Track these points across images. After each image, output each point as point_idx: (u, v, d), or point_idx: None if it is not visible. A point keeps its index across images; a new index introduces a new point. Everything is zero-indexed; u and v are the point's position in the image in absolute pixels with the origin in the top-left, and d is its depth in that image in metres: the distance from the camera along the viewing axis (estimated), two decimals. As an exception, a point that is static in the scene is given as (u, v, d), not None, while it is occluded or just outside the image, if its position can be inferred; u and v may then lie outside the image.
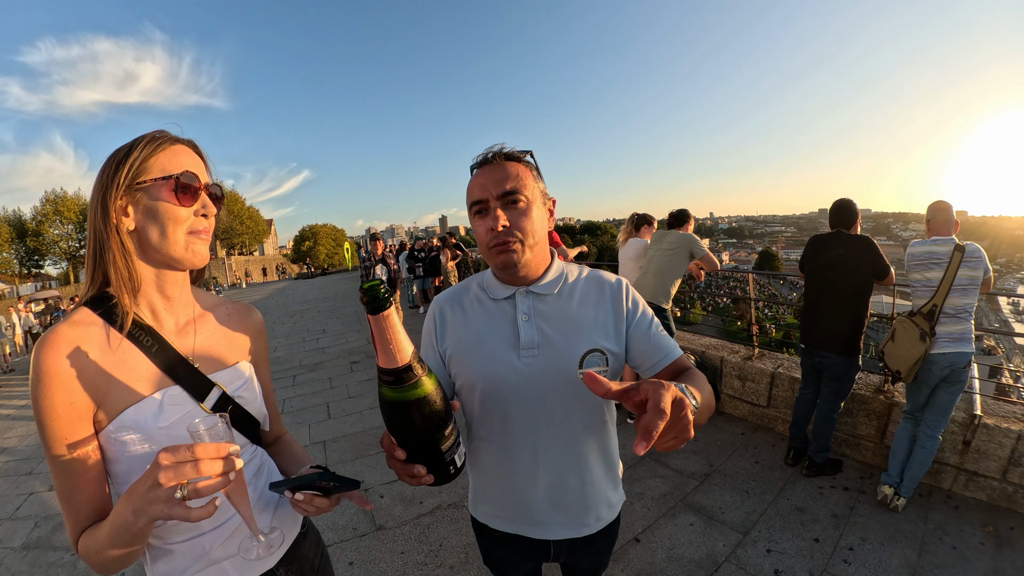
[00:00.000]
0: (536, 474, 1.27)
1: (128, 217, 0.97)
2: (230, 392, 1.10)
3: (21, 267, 47.36)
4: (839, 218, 3.66)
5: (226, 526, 1.05)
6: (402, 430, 0.94)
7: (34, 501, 4.34)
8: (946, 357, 3.06)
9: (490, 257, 1.22)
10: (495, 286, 1.30)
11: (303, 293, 21.53)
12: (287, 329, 12.16)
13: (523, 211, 1.18)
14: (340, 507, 3.69)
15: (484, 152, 1.23)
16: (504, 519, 1.36)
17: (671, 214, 4.91)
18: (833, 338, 3.55)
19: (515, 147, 1.25)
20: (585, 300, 1.28)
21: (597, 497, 1.33)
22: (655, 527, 3.22)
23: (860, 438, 3.91)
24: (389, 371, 0.87)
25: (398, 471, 0.97)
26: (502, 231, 1.16)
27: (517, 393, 1.22)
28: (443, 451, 0.97)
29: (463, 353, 1.27)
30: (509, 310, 1.27)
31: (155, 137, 0.99)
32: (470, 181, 1.22)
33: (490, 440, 1.30)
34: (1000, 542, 2.92)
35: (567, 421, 1.25)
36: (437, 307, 1.37)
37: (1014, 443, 3.17)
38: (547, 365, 1.21)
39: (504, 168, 1.18)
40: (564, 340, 1.22)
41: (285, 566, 1.17)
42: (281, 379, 7.51)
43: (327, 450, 4.76)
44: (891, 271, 3.47)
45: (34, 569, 3.35)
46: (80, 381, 0.91)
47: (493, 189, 1.16)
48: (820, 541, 3.01)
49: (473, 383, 1.26)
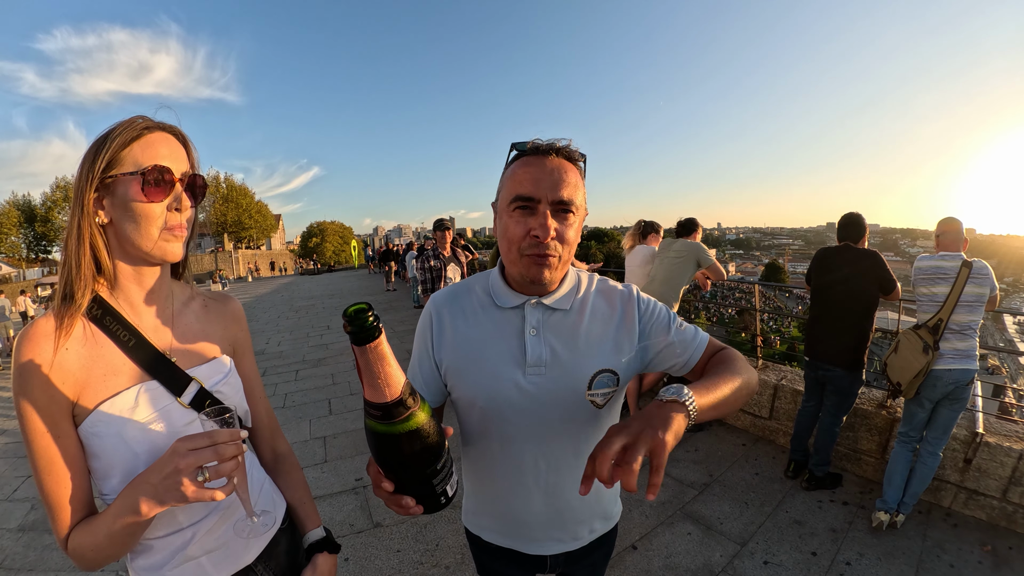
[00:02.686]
0: (534, 493, 1.21)
1: (103, 210, 0.95)
2: (208, 387, 1.07)
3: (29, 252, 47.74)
4: (848, 232, 3.65)
5: (204, 522, 1.05)
6: (391, 463, 0.86)
7: (31, 483, 4.35)
8: (950, 374, 3.05)
9: (518, 262, 1.09)
10: (503, 292, 1.17)
11: (308, 289, 21.60)
12: (291, 324, 12.20)
13: (571, 224, 1.07)
14: (337, 503, 3.70)
15: (542, 141, 1.08)
16: (499, 534, 1.31)
17: (679, 222, 4.91)
18: (838, 352, 3.54)
19: (575, 147, 1.11)
20: (596, 315, 1.18)
21: (595, 512, 1.30)
22: (652, 535, 3.22)
23: (861, 453, 3.89)
24: (377, 406, 0.79)
25: (385, 501, 0.90)
26: (550, 242, 1.04)
27: (520, 413, 1.14)
28: (433, 484, 0.89)
29: (462, 367, 1.17)
30: (517, 321, 1.16)
31: (132, 124, 0.95)
32: (515, 168, 1.07)
33: (488, 457, 1.23)
34: (998, 562, 2.90)
35: (571, 442, 1.18)
36: (435, 308, 1.23)
37: (1015, 462, 3.16)
38: (554, 385, 1.13)
39: (564, 169, 1.05)
40: (573, 359, 1.14)
41: (263, 563, 1.14)
42: (284, 373, 7.52)
43: (327, 446, 4.77)
44: (897, 286, 3.47)
45: (28, 551, 3.37)
46: (58, 374, 0.90)
47: (549, 191, 1.02)
48: (818, 555, 3.00)
49: (472, 400, 1.17)
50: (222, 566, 1.07)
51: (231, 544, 1.09)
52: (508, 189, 1.07)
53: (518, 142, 1.10)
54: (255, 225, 55.40)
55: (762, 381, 4.64)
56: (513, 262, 1.10)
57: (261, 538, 1.15)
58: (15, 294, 17.02)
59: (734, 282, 26.01)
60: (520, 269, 1.09)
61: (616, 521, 1.39)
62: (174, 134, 1.01)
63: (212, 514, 1.06)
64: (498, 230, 1.14)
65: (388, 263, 19.42)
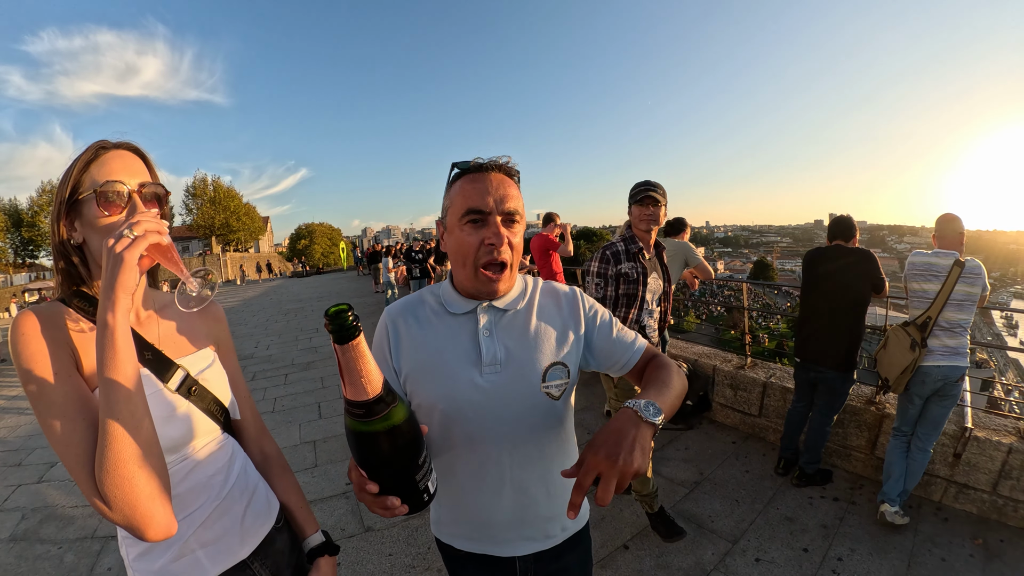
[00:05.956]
0: (501, 492, 1.23)
1: (76, 232, 1.02)
2: (194, 374, 1.12)
3: (16, 257, 47.22)
4: (839, 230, 3.67)
5: (198, 513, 1.07)
6: (374, 463, 0.87)
7: (23, 493, 4.29)
8: (940, 370, 3.06)
9: (473, 274, 1.15)
10: (454, 300, 1.23)
11: (297, 292, 21.48)
12: (280, 327, 12.10)
13: (517, 233, 1.15)
14: (328, 508, 3.67)
15: (482, 159, 1.16)
16: (468, 539, 1.32)
17: (668, 222, 4.92)
18: (830, 353, 3.54)
19: (513, 163, 1.18)
20: (544, 312, 1.26)
21: (562, 506, 1.26)
22: (644, 534, 3.21)
23: (851, 449, 3.91)
24: (359, 404, 0.81)
25: (369, 504, 0.91)
26: (503, 248, 1.12)
27: (480, 412, 1.18)
28: (416, 480, 0.91)
29: (421, 372, 1.20)
30: (470, 325, 1.22)
31: (89, 148, 1.02)
32: (461, 185, 1.14)
33: (452, 460, 1.24)
34: (990, 555, 2.92)
35: (532, 436, 1.22)
36: (390, 319, 1.27)
37: (1005, 456, 3.18)
38: (510, 381, 1.18)
39: (507, 184, 1.14)
40: (527, 355, 1.20)
41: (260, 560, 1.17)
42: (273, 377, 7.46)
43: (317, 450, 4.73)
44: (886, 283, 3.48)
45: (20, 562, 3.31)
46: (58, 341, 0.95)
47: (498, 203, 1.11)
48: (809, 551, 3.00)
49: (433, 404, 1.20)
50: (218, 560, 1.10)
51: (226, 538, 1.11)
52: (458, 204, 1.13)
53: (459, 162, 1.18)
54: (243, 228, 54.95)
55: (751, 379, 4.66)
56: (468, 277, 1.17)
57: (255, 534, 1.18)
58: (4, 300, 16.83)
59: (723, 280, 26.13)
60: (478, 279, 1.16)
61: (587, 519, 1.42)
62: (130, 149, 1.07)
63: (206, 505, 1.08)
64: (449, 246, 1.20)
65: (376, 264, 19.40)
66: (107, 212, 0.99)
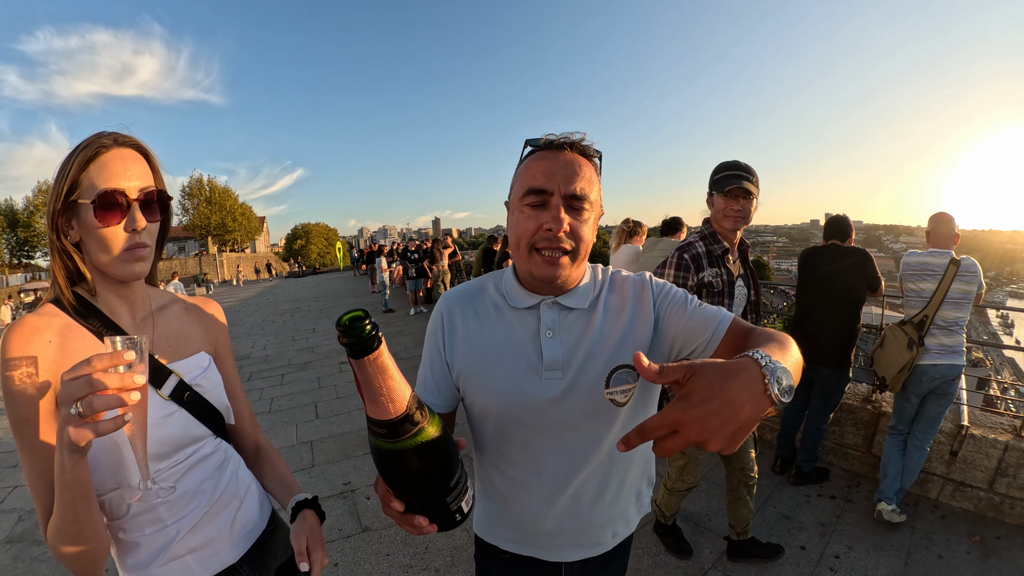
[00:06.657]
0: (556, 500, 1.15)
1: (73, 230, 0.99)
2: (188, 380, 1.09)
3: (11, 257, 47.08)
4: (835, 230, 3.67)
5: (186, 519, 1.06)
6: (399, 483, 0.78)
7: (19, 494, 4.26)
8: (937, 369, 3.07)
9: (528, 259, 1.05)
10: (517, 292, 1.13)
11: (293, 292, 21.42)
12: (276, 327, 12.06)
13: (585, 220, 1.04)
14: (325, 508, 3.66)
15: (555, 135, 1.06)
16: (517, 542, 1.25)
17: (664, 221, 4.91)
18: (826, 352, 3.53)
19: (590, 142, 1.07)
20: (609, 310, 1.13)
21: (618, 514, 1.23)
22: (642, 533, 3.20)
23: (847, 447, 3.92)
24: (381, 423, 0.70)
25: (396, 520, 0.83)
26: (563, 236, 1.00)
27: (537, 418, 1.09)
28: (448, 502, 0.81)
29: (476, 372, 1.12)
30: (532, 323, 1.12)
31: (89, 144, 0.96)
32: (529, 163, 1.05)
33: (507, 466, 1.17)
34: (987, 551, 2.93)
35: (593, 444, 1.12)
36: (446, 307, 1.19)
37: (1001, 454, 3.19)
38: (572, 387, 1.08)
39: (578, 163, 1.02)
40: (591, 358, 1.08)
41: (249, 563, 1.15)
42: (269, 378, 7.43)
43: (314, 450, 4.71)
44: (882, 282, 3.49)
45: (17, 563, 3.29)
46: (43, 363, 0.92)
47: (562, 184, 1.00)
48: (806, 549, 3.01)
49: (487, 406, 1.13)
50: (207, 565, 1.09)
51: (215, 543, 1.10)
52: (520, 183, 1.05)
53: (532, 138, 1.08)
54: (239, 228, 54.90)
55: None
56: (522, 258, 1.06)
57: (245, 539, 1.16)
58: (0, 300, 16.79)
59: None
60: (530, 267, 1.05)
61: (635, 527, 1.32)
62: (135, 148, 1.02)
63: (195, 511, 1.08)
64: (509, 227, 1.11)
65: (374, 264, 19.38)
66: (105, 223, 0.95)
